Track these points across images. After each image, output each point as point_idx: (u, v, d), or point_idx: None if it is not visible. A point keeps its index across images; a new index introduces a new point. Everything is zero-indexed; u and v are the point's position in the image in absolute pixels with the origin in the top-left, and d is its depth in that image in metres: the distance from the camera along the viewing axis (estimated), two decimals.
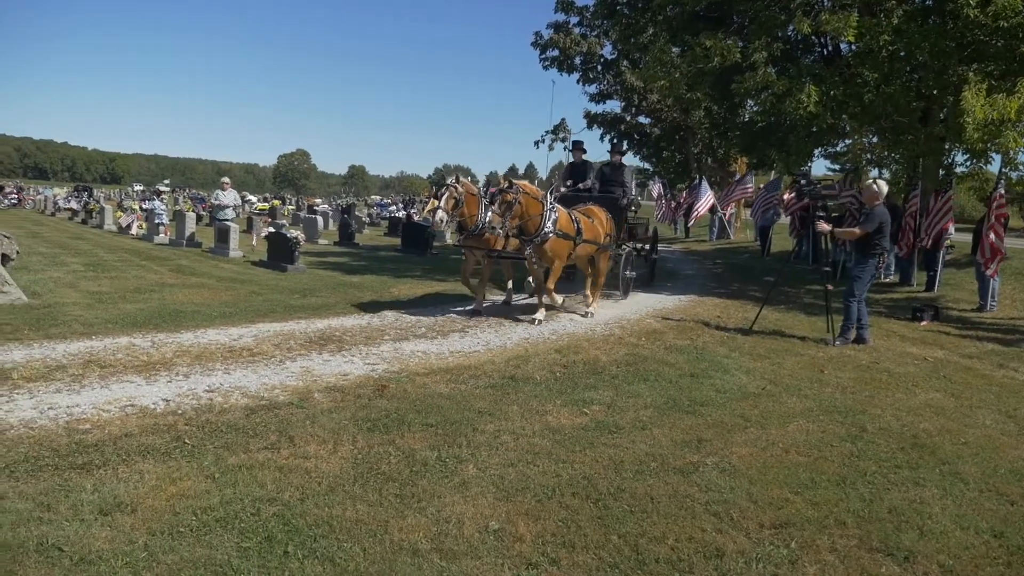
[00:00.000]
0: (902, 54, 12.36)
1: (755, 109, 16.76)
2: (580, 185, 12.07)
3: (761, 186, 23.99)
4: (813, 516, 3.96)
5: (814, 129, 13.98)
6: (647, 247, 14.31)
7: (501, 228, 8.95)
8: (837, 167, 21.66)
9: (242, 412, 5.24)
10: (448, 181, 9.62)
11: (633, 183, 12.53)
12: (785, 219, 21.34)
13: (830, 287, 9.27)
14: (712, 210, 26.38)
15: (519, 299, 11.40)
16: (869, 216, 8.73)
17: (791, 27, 13.51)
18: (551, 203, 9.43)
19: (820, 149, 17.17)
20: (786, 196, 19.66)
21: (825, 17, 12.25)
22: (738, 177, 25.44)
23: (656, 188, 36.86)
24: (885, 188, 9.19)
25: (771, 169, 20.67)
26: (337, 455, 4.53)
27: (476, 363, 7.07)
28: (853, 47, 13.53)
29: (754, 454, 4.89)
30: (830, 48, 15.07)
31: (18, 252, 11.54)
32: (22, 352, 6.60)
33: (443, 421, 5.23)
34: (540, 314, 9.52)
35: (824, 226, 9.25)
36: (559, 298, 10.05)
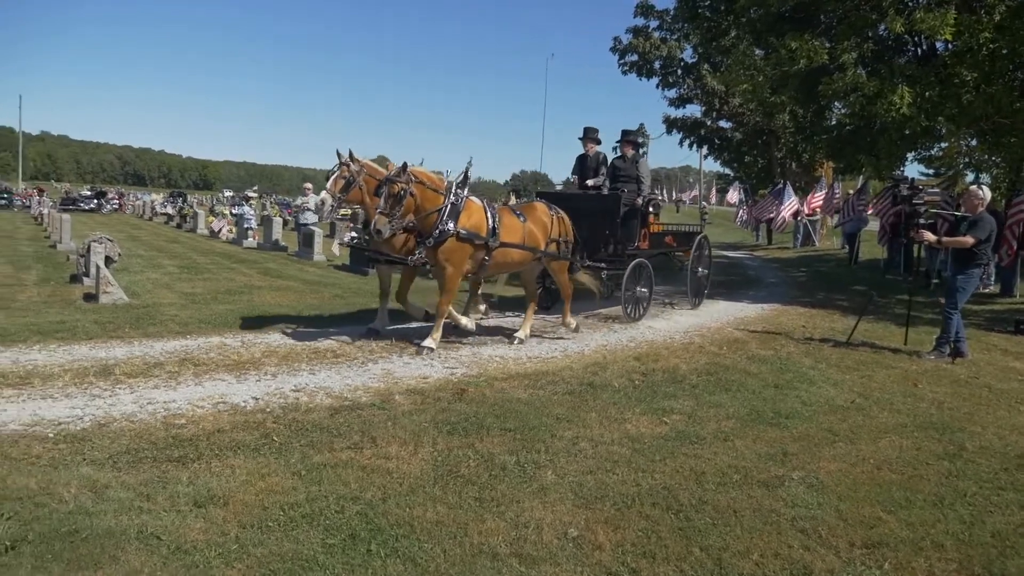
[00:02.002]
0: (1004, 52, 11.72)
1: (843, 112, 16.22)
2: (588, 182, 10.49)
3: (850, 192, 23.16)
4: (908, 537, 3.78)
5: (907, 132, 13.37)
6: (682, 259, 11.94)
7: (388, 228, 7.19)
8: (931, 171, 20.73)
9: (326, 412, 5.38)
10: (341, 158, 7.64)
11: (649, 179, 10.67)
12: (874, 226, 20.53)
13: (923, 296, 8.85)
14: (796, 216, 25.61)
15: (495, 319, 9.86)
16: (978, 223, 8.23)
17: (883, 26, 13.00)
18: (459, 195, 7.63)
19: (913, 153, 16.47)
20: (877, 202, 18.89)
21: (920, 15, 11.73)
22: (823, 182, 24.64)
23: (735, 193, 36.04)
24: (989, 193, 8.71)
25: (859, 174, 19.94)
26: (417, 457, 4.60)
27: (554, 369, 7.06)
28: (950, 46, 12.90)
29: (843, 470, 4.71)
30: (925, 47, 14.43)
31: (120, 254, 12.21)
32: (123, 349, 6.96)
33: (521, 426, 5.24)
34: (431, 341, 7.51)
35: (929, 236, 8.61)
36: (465, 319, 8.17)
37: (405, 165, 7.27)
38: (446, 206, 7.43)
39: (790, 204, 24.60)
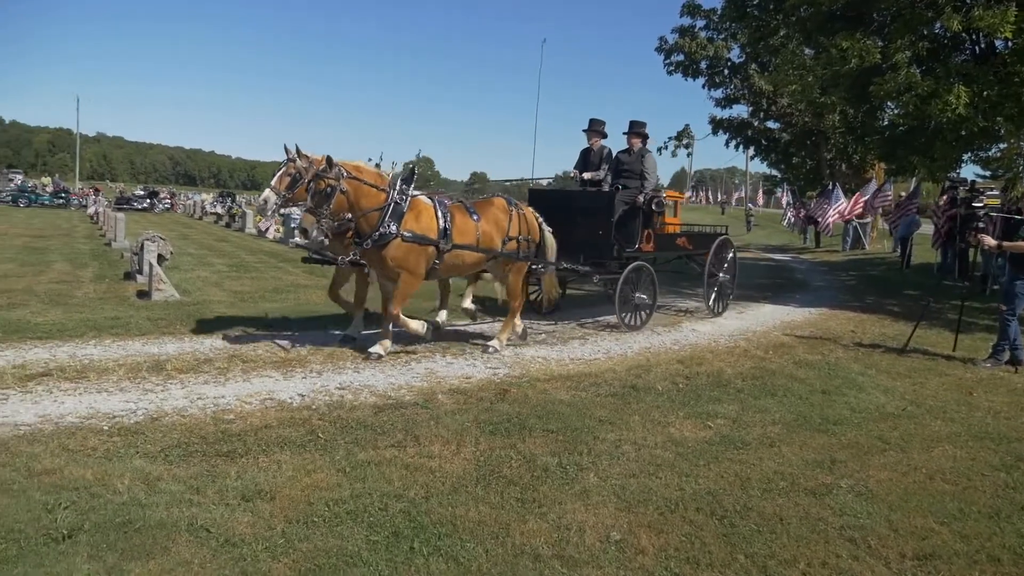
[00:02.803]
0: None
1: (896, 112, 15.81)
2: (585, 175, 9.69)
3: (901, 194, 22.60)
4: (962, 550, 3.67)
5: (963, 133, 12.99)
6: (699, 263, 10.92)
7: (316, 229, 6.77)
8: (988, 173, 20.07)
9: (370, 410, 5.44)
10: (289, 154, 7.16)
11: (655, 175, 9.74)
12: (927, 229, 19.98)
13: (978, 302, 8.57)
14: (846, 218, 25.06)
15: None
16: None
17: (938, 24, 12.64)
18: (404, 193, 7.09)
19: (969, 154, 15.98)
20: (934, 204, 18.38)
21: (978, 13, 11.37)
22: (873, 184, 24.07)
23: (783, 195, 35.46)
24: None
25: (912, 176, 19.44)
26: (460, 456, 4.62)
27: (597, 371, 7.03)
28: (1010, 44, 12.49)
29: (894, 479, 4.59)
30: (983, 45, 13.98)
31: (171, 253, 12.52)
32: (175, 345, 7.14)
33: (564, 428, 5.23)
34: (380, 347, 7.05)
35: (989, 240, 8.31)
36: (416, 324, 7.23)
37: (330, 159, 6.68)
38: (388, 205, 6.89)
39: (839, 206, 24.07)
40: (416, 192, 7.35)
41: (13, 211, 40.39)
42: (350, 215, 6.89)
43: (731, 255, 11.36)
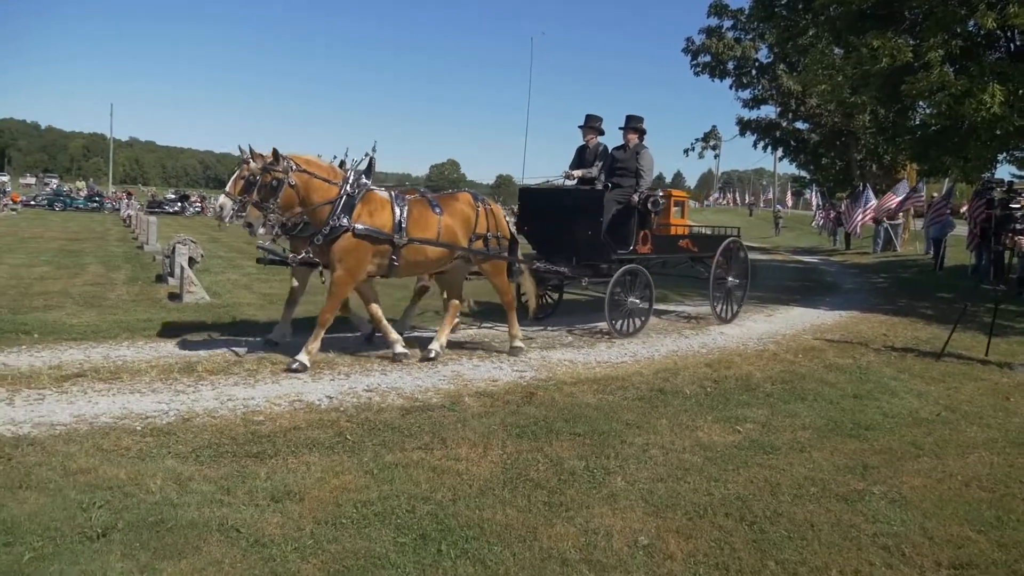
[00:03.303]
0: None
1: (928, 112, 15.54)
2: (575, 173, 9.21)
3: (934, 195, 22.22)
4: (1000, 559, 3.59)
5: (998, 132, 12.74)
6: (706, 266, 10.23)
7: (260, 223, 6.49)
8: None
9: (398, 412, 5.47)
10: (243, 155, 6.62)
11: (650, 173, 9.21)
12: (961, 230, 19.61)
13: (1015, 305, 8.39)
14: (876, 220, 24.70)
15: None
16: None
17: (972, 22, 12.42)
18: (359, 186, 6.78)
19: (1005, 154, 15.65)
20: (969, 205, 18.02)
21: (1014, 10, 11.16)
22: (903, 184, 23.70)
23: (812, 196, 35.08)
24: None
25: (945, 176, 19.10)
26: (487, 459, 4.62)
27: (623, 374, 6.99)
28: None
29: (928, 485, 4.51)
30: (1018, 43, 13.73)
31: (202, 255, 12.71)
32: (205, 347, 7.23)
33: (591, 431, 5.21)
34: (303, 355, 6.53)
35: None
36: (396, 335, 7.09)
37: (276, 152, 6.41)
38: (340, 198, 6.60)
39: (870, 208, 23.73)
40: (374, 186, 7.07)
41: (49, 214, 41.30)
42: (300, 210, 6.64)
43: (742, 258, 10.81)
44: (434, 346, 7.27)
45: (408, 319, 8.56)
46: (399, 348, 7.08)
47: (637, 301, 8.93)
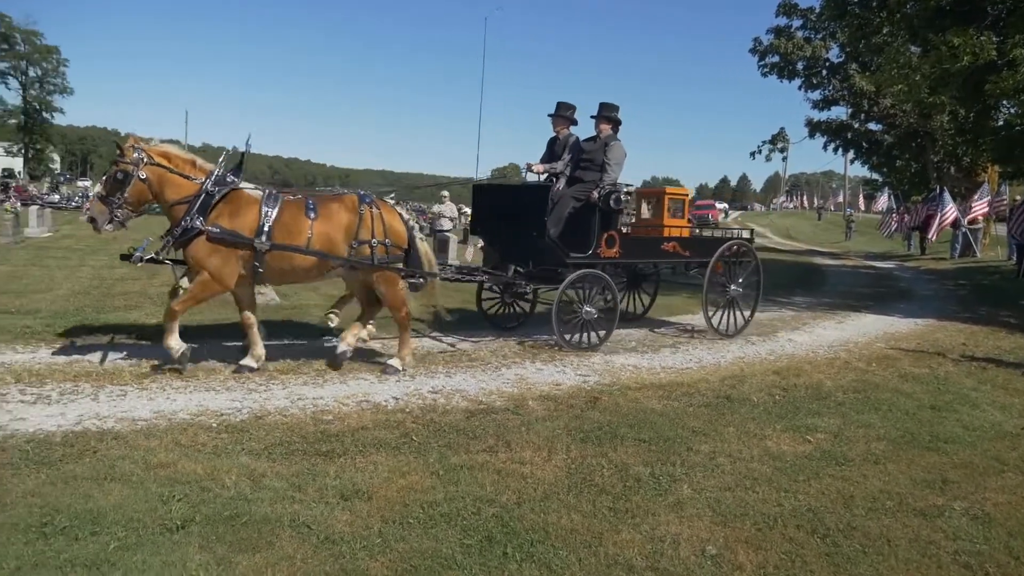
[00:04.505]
0: None
1: (1013, 112, 14.88)
2: (535, 166, 8.49)
3: (1017, 198, 21.23)
4: None
5: None
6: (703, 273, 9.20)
7: (106, 218, 6.03)
8: None
9: (462, 414, 5.51)
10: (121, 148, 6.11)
11: (619, 167, 8.21)
12: None
13: None
14: (955, 224, 23.72)
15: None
16: None
17: None
18: (226, 183, 6.22)
19: None
20: None
21: None
22: (985, 187, 22.71)
23: (884, 200, 33.95)
24: None
25: None
26: (551, 463, 4.62)
27: (689, 380, 6.89)
28: None
29: (1014, 503, 4.31)
30: None
31: None
32: (275, 347, 7.41)
33: (656, 437, 5.15)
34: (175, 345, 6.11)
35: None
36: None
37: (119, 143, 6.03)
38: (199, 196, 6.07)
39: (948, 211, 22.81)
40: (247, 184, 6.50)
41: None
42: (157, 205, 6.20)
43: (752, 265, 9.63)
44: (394, 362, 6.69)
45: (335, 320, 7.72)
46: (247, 360, 6.45)
47: (593, 311, 7.91)
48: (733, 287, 9.33)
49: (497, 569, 3.32)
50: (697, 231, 10.96)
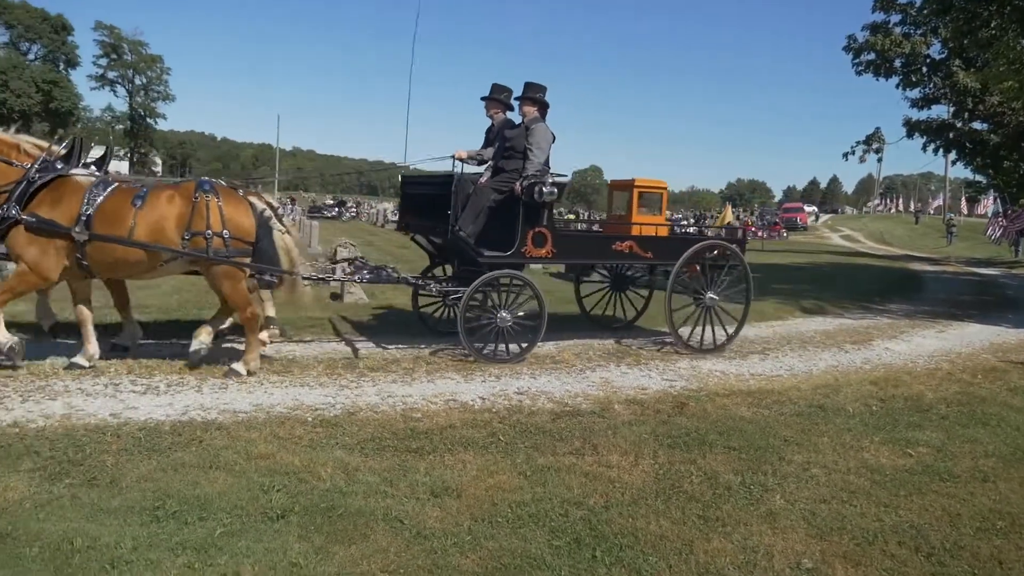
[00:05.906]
0: None
1: None
2: (462, 154, 7.69)
3: None
4: None
5: None
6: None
7: None
8: None
9: (548, 416, 5.53)
10: None
11: (543, 152, 7.27)
12: None
13: None
14: None
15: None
16: None
17: None
18: (54, 171, 5.90)
19: None
20: None
21: None
22: None
23: (989, 203, 32.22)
24: None
25: None
26: (639, 468, 4.58)
27: (779, 388, 6.71)
28: None
29: None
30: None
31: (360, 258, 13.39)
32: (365, 345, 7.63)
33: (746, 446, 5.04)
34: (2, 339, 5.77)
35: None
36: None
37: None
38: (21, 183, 5.76)
39: None
40: (79, 171, 6.17)
41: None
42: None
43: (739, 271, 8.35)
44: (237, 366, 6.15)
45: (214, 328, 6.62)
46: (78, 358, 6.05)
47: (508, 317, 7.13)
48: (710, 295, 8.14)
49: (587, 572, 3.32)
50: (677, 230, 9.77)
